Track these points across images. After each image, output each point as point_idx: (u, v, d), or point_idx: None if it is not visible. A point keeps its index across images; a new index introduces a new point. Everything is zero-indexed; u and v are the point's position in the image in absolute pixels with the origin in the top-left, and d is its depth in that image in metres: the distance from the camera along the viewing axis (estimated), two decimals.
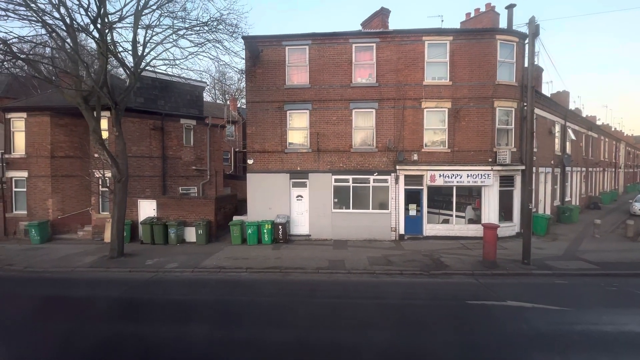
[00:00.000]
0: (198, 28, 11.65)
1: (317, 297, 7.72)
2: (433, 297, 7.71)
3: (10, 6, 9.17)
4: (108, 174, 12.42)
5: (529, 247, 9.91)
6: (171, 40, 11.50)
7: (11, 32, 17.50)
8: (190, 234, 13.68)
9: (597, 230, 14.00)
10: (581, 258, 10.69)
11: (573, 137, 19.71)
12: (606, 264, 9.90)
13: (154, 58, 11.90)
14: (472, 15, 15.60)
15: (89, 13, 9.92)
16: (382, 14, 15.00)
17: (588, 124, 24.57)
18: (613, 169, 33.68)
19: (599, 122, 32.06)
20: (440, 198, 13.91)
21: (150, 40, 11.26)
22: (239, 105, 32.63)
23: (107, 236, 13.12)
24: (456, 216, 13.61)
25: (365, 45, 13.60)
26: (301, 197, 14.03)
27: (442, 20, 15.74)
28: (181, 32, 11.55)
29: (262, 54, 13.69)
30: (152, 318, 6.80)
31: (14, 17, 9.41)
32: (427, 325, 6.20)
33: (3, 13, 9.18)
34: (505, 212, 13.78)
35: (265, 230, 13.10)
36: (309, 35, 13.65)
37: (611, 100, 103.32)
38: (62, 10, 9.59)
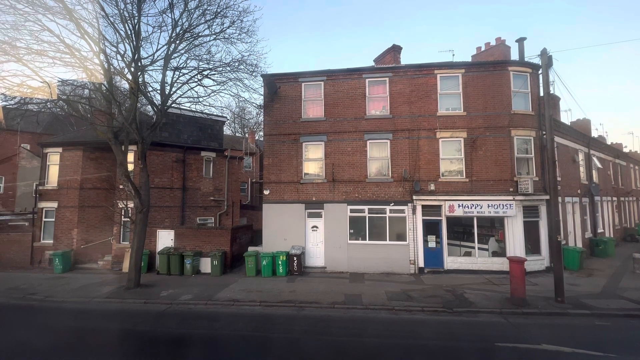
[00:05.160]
0: (221, 68, 12.59)
1: (333, 335, 7.32)
2: (458, 337, 7.13)
3: (58, 54, 10.29)
4: (131, 204, 12.89)
5: (561, 283, 9.19)
6: (196, 80, 12.41)
7: (56, 76, 19.44)
8: (206, 265, 13.65)
9: (638, 265, 12.87)
10: (623, 297, 9.75)
11: (599, 165, 18.92)
12: None
13: (180, 96, 12.78)
14: (483, 49, 16.00)
15: (124, 58, 10.97)
16: (394, 51, 15.68)
17: (614, 152, 23.63)
18: None
19: (625, 150, 30.78)
20: (460, 229, 13.39)
21: (177, 81, 12.21)
22: (257, 138, 33.89)
23: (126, 266, 13.30)
24: (479, 248, 12.96)
25: (379, 79, 14.10)
26: (316, 227, 13.90)
27: (453, 55, 16.30)
28: (205, 73, 12.48)
29: (280, 89, 14.43)
30: (160, 353, 6.63)
31: (60, 64, 10.51)
32: None
33: (51, 61, 10.29)
34: (532, 245, 13.01)
35: (280, 262, 12.90)
36: (324, 72, 14.35)
37: (637, 127, 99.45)
38: (102, 56, 10.66)
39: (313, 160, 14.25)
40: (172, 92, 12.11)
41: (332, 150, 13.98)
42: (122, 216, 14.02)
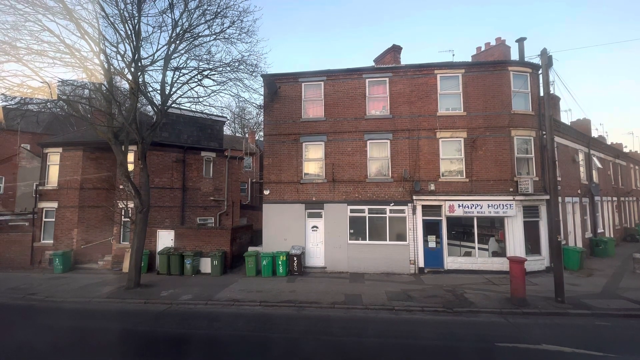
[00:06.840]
0: (221, 69, 12.60)
1: (333, 335, 7.32)
2: (458, 337, 7.13)
3: (58, 55, 10.29)
4: (131, 204, 12.89)
5: (561, 283, 9.19)
6: (196, 80, 12.41)
7: (56, 76, 19.45)
8: (206, 265, 13.65)
9: (638, 265, 12.86)
10: (623, 297, 9.74)
11: (599, 165, 18.91)
12: None
13: (180, 96, 12.78)
14: (483, 49, 15.99)
15: (124, 59, 10.97)
16: (394, 51, 15.67)
17: (614, 152, 23.64)
18: None
19: (625, 150, 30.78)
20: (460, 229, 13.39)
21: (177, 81, 12.21)
22: (257, 138, 33.89)
23: (126, 266, 13.30)
24: (479, 248, 12.96)
25: (379, 79, 14.10)
26: (316, 227, 13.90)
27: (453, 55, 16.30)
28: (205, 73, 12.49)
29: (280, 90, 14.43)
30: (160, 353, 6.64)
31: (60, 64, 10.51)
32: None
33: (51, 61, 10.30)
34: (532, 245, 13.01)
35: (280, 262, 12.90)
36: (324, 72, 14.35)
37: (637, 127, 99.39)
38: (102, 56, 10.66)
39: (313, 160, 14.25)
40: (172, 92, 12.11)
41: (332, 150, 13.98)
42: (122, 216, 14.04)
